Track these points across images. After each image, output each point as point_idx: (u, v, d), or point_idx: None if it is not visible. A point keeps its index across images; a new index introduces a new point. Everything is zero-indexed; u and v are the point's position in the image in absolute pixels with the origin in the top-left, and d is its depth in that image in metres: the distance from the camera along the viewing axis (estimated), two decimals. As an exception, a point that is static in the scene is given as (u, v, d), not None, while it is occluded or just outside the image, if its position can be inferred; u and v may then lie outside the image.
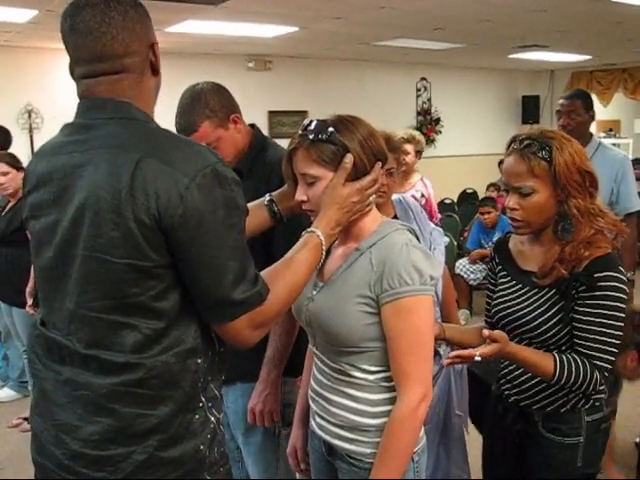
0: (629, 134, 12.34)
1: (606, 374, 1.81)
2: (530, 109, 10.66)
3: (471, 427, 2.76)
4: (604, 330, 1.77)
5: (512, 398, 2.00)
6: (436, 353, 2.70)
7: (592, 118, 3.66)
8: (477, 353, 1.70)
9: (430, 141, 10.08)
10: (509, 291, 1.97)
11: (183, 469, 1.35)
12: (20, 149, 6.50)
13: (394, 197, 2.58)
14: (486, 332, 1.73)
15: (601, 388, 1.89)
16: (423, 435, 1.69)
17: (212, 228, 1.28)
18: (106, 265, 1.27)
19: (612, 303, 1.77)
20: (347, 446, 1.66)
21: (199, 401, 1.38)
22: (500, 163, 1.77)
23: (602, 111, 11.83)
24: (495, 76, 10.79)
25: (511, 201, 1.86)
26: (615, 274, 1.78)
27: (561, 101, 3.65)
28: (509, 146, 1.89)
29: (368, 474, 1.59)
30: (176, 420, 1.34)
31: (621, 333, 1.79)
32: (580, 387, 1.79)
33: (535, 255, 1.93)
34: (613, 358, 1.80)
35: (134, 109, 1.36)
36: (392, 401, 1.60)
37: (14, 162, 4.17)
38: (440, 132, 10.18)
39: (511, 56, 8.81)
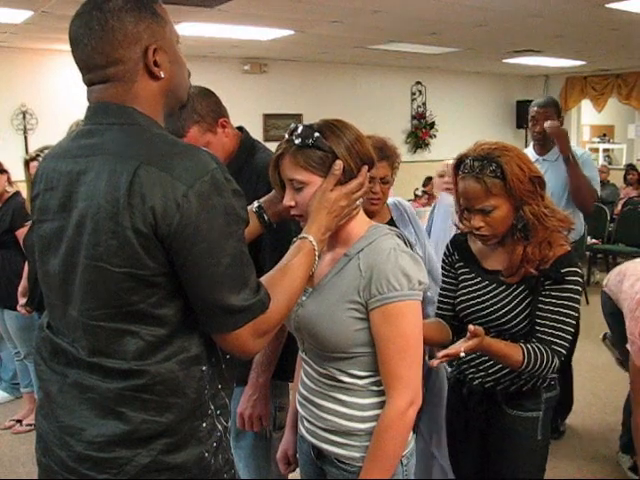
0: (622, 139, 12.41)
1: (562, 359, 1.96)
2: (524, 114, 10.58)
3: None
4: (564, 319, 1.94)
5: (476, 381, 2.13)
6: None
7: (561, 123, 3.97)
8: (462, 349, 1.77)
9: (425, 145, 10.13)
10: (475, 288, 2.09)
11: (187, 475, 1.34)
12: (15, 150, 6.51)
13: (389, 201, 2.62)
14: (472, 327, 1.79)
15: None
16: (412, 438, 1.69)
17: (210, 236, 1.27)
18: (105, 274, 1.27)
19: (574, 295, 1.96)
20: (336, 450, 1.66)
21: (208, 409, 1.38)
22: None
23: (596, 116, 11.92)
24: (490, 81, 10.83)
25: (475, 221, 1.98)
26: (577, 269, 1.97)
27: (536, 108, 3.93)
28: (458, 168, 2.00)
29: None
30: (183, 427, 1.33)
31: (575, 322, 1.96)
32: (542, 372, 1.93)
33: (498, 255, 2.07)
34: (568, 345, 1.96)
35: (137, 114, 1.35)
36: (381, 405, 1.60)
37: None
38: (435, 136, 10.21)
39: (506, 61, 8.84)
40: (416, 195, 8.40)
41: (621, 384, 3.75)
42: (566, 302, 1.94)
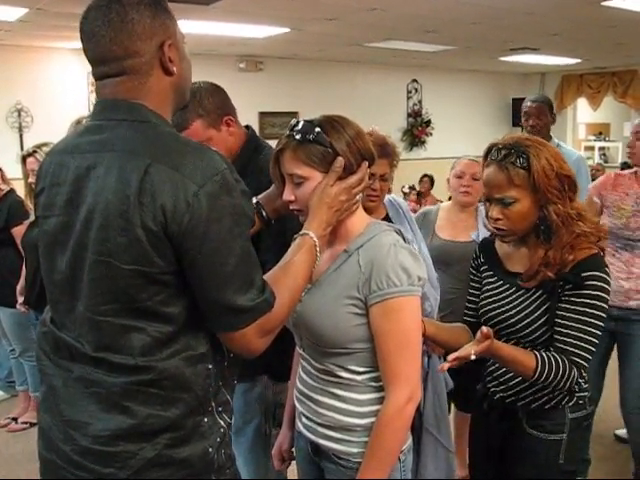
0: (619, 137, 12.41)
1: (583, 372, 1.82)
2: (520, 111, 10.70)
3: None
4: (584, 328, 1.79)
5: (497, 395, 2.01)
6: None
7: (554, 121, 4.14)
8: (472, 352, 1.69)
9: (421, 143, 10.13)
10: (496, 291, 1.99)
11: (191, 469, 1.35)
12: (9, 148, 6.48)
13: (385, 198, 2.65)
14: (485, 329, 1.70)
15: (585, 386, 1.93)
16: (409, 435, 1.69)
17: (219, 236, 1.27)
18: (114, 270, 1.27)
19: (595, 302, 1.79)
20: (334, 446, 1.66)
21: (209, 405, 1.39)
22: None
23: (592, 115, 11.92)
24: (486, 78, 10.83)
25: (494, 212, 1.87)
26: (600, 274, 1.81)
27: (529, 104, 4.09)
28: (486, 156, 1.90)
29: (355, 474, 1.60)
30: (187, 422, 1.34)
31: (600, 332, 1.81)
32: (558, 384, 1.79)
33: (522, 257, 1.95)
34: (590, 356, 1.81)
35: (147, 111, 1.35)
36: (380, 401, 1.60)
37: None
38: (431, 134, 10.21)
39: (502, 58, 8.84)
40: (404, 193, 8.30)
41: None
42: (587, 309, 1.79)
